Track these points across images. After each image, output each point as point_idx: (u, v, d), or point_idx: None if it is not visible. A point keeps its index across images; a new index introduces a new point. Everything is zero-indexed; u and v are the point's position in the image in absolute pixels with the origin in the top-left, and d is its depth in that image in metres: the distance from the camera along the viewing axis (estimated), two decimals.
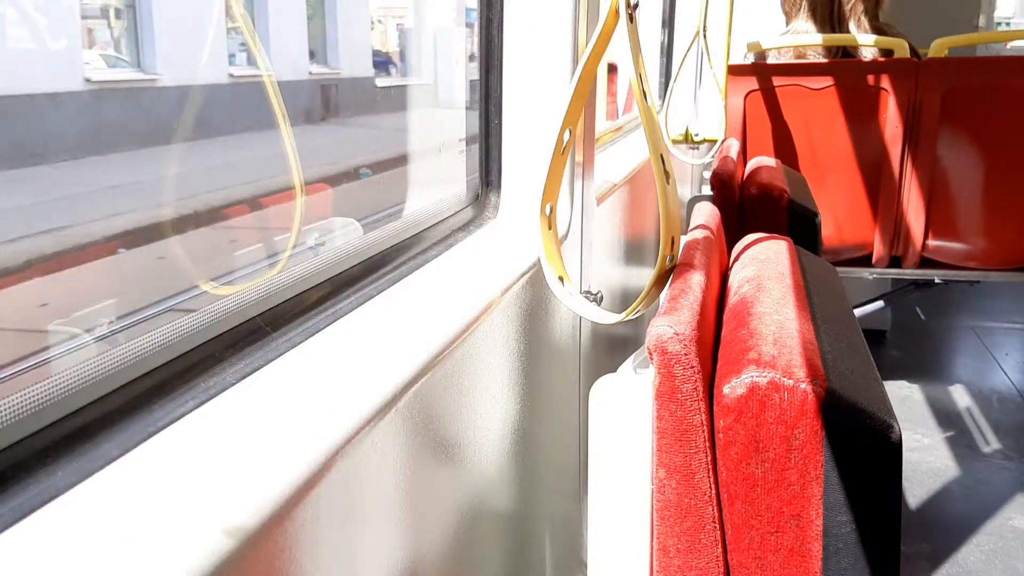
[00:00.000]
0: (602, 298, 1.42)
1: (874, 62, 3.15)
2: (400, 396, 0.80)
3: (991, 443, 3.06)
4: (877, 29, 3.26)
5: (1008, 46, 6.56)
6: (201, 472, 0.62)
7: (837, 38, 3.22)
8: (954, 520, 2.62)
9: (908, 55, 3.13)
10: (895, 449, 0.76)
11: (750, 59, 3.35)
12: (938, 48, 3.15)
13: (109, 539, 0.53)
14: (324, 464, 0.66)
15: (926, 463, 2.91)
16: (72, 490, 0.56)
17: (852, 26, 3.25)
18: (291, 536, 0.63)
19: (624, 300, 1.90)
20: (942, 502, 2.73)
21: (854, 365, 0.85)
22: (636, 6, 0.99)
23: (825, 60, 3.22)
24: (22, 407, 0.59)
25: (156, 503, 0.57)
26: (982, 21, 5.50)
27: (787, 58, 3.29)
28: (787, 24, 3.39)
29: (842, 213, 3.07)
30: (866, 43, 3.19)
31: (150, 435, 0.64)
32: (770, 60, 3.32)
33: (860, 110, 3.02)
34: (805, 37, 3.25)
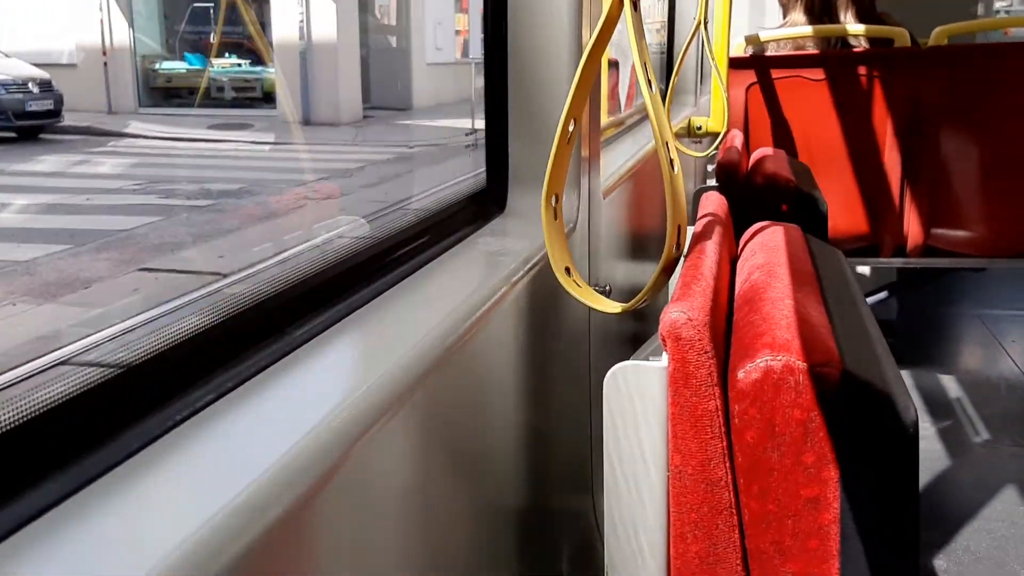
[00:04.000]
0: (610, 290, 1.42)
1: (875, 52, 3.15)
2: (413, 392, 0.80)
3: (1000, 430, 3.05)
4: (876, 18, 3.25)
5: (1009, 33, 6.54)
6: (214, 469, 0.62)
7: (835, 29, 3.21)
8: (964, 507, 2.62)
9: (909, 44, 3.13)
10: (911, 430, 0.76)
11: (751, 52, 3.35)
12: (938, 36, 3.14)
13: (119, 540, 0.53)
14: (336, 462, 0.66)
15: (935, 451, 2.91)
16: (82, 491, 0.56)
17: (850, 16, 3.24)
18: (304, 534, 0.62)
19: (632, 291, 1.89)
20: (952, 489, 2.72)
21: (868, 348, 0.85)
22: None
23: (825, 51, 3.22)
24: (20, 411, 0.58)
25: (168, 501, 0.57)
26: (980, 9, 5.49)
27: (787, 51, 3.28)
28: (784, 16, 3.39)
29: (846, 203, 3.07)
30: (866, 32, 3.18)
31: (166, 430, 0.64)
32: (770, 52, 3.31)
33: (862, 100, 3.02)
34: (803, 28, 3.25)
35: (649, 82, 0.96)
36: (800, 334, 0.81)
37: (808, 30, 3.23)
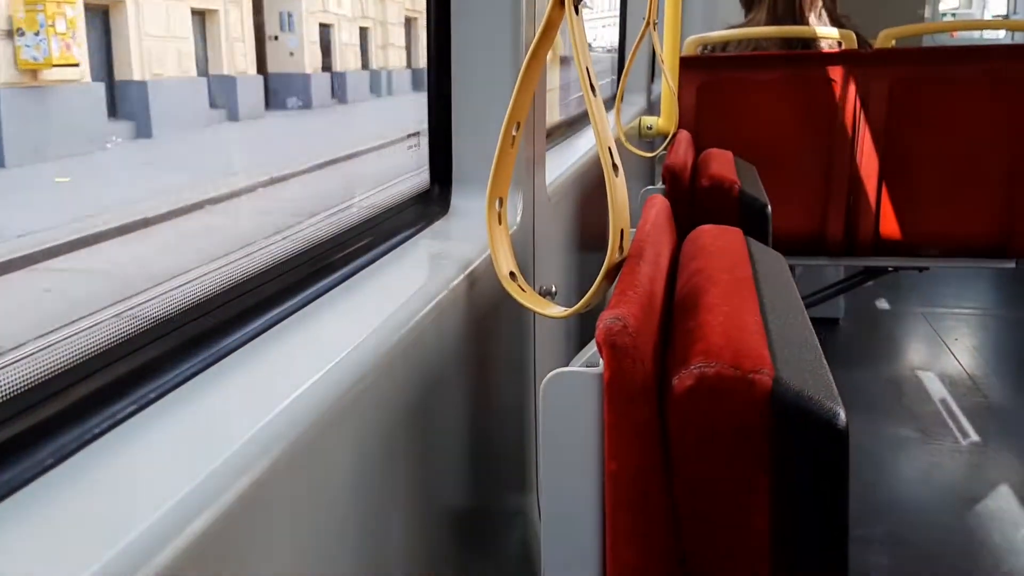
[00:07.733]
0: (555, 292, 1.42)
1: (822, 54, 3.19)
2: (352, 395, 0.79)
3: (943, 426, 3.12)
4: (836, 21, 3.29)
5: (955, 36, 6.67)
6: (157, 467, 0.62)
7: (784, 30, 3.25)
8: (908, 503, 2.67)
9: (856, 46, 3.17)
10: (841, 436, 0.77)
11: (703, 52, 3.37)
12: (884, 39, 3.19)
13: (46, 550, 0.52)
14: (269, 468, 0.65)
15: (876, 447, 2.97)
16: (2, 502, 0.54)
17: (813, 19, 3.28)
18: (236, 541, 0.62)
19: (579, 294, 1.90)
20: (896, 485, 2.78)
21: (802, 353, 0.85)
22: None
23: (782, 52, 3.25)
24: None
25: (93, 511, 0.56)
26: (928, 12, 5.59)
27: (748, 51, 3.31)
28: (746, 15, 3.42)
29: (795, 203, 3.11)
30: (813, 35, 3.22)
31: (87, 442, 0.63)
32: (729, 52, 3.33)
33: (811, 101, 3.06)
34: (754, 30, 3.28)
35: (591, 87, 0.96)
36: (734, 341, 0.81)
37: (757, 31, 3.26)
